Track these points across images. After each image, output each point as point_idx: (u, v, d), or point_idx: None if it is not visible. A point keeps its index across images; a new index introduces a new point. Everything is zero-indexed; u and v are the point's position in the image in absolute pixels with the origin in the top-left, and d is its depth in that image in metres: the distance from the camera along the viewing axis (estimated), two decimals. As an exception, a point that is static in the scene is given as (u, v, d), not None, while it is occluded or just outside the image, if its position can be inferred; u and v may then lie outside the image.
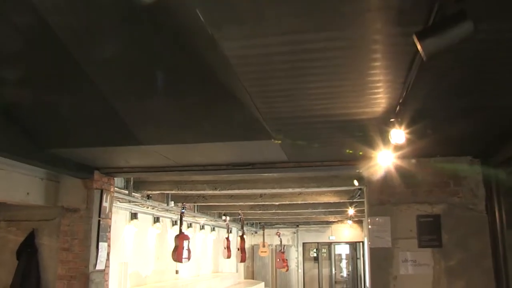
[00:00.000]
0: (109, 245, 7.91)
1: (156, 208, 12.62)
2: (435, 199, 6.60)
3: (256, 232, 24.08)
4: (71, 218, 7.50)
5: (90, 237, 7.40)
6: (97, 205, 7.56)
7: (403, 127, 4.32)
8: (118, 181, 10.94)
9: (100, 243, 7.53)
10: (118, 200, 10.72)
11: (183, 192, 11.64)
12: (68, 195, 7.56)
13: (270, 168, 6.99)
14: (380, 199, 6.66)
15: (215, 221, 17.10)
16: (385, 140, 5.14)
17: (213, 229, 18.18)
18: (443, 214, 6.55)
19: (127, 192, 10.80)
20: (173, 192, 11.62)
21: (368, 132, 5.08)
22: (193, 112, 5.26)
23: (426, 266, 6.46)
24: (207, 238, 17.94)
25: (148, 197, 11.40)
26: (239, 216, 11.96)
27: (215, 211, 16.95)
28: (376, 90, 4.13)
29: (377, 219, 6.62)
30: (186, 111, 5.26)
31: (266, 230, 23.07)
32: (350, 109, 4.56)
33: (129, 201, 10.93)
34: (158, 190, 11.46)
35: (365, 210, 6.95)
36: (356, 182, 9.60)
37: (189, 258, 11.39)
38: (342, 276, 26.93)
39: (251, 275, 24.62)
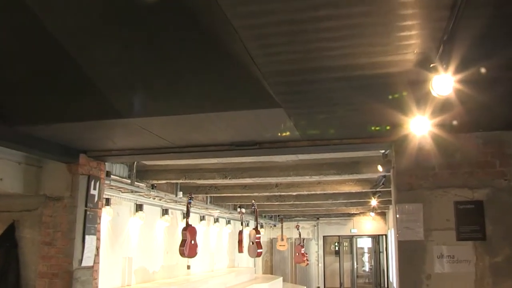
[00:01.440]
0: (98, 239, 6.89)
1: (164, 199, 11.59)
2: (477, 182, 5.41)
3: (274, 225, 22.99)
4: (54, 208, 6.49)
5: (74, 229, 6.38)
6: (83, 193, 6.53)
7: (449, 72, 3.16)
8: (121, 169, 9.96)
9: (86, 236, 6.50)
10: (120, 190, 9.74)
11: (191, 181, 10.60)
12: (51, 182, 6.57)
13: (280, 148, 5.87)
14: (410, 183, 5.49)
15: (230, 213, 16.05)
16: (421, 100, 3.99)
17: (228, 222, 17.15)
18: (487, 200, 5.36)
19: (129, 181, 9.81)
20: (180, 181, 10.59)
21: (398, 91, 3.91)
22: (182, 78, 4.20)
23: (466, 262, 5.29)
24: (222, 231, 16.90)
25: (153, 186, 10.35)
26: (253, 207, 10.87)
27: (230, 203, 15.91)
28: (409, 23, 2.98)
29: (406, 206, 5.47)
30: (173, 77, 4.19)
31: (285, 223, 22.00)
32: (374, 57, 3.41)
33: (132, 191, 9.90)
34: (163, 179, 10.45)
35: (392, 197, 5.79)
36: (380, 168, 8.46)
37: (195, 253, 10.32)
38: (364, 271, 25.77)
39: (270, 269, 23.54)
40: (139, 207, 10.81)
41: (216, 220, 15.94)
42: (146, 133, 5.54)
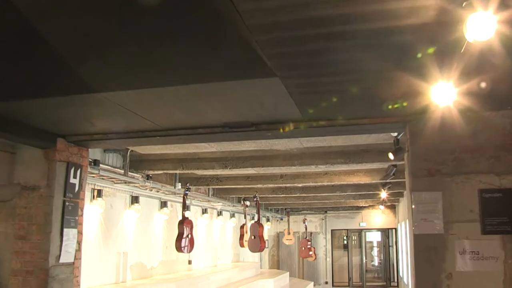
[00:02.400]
0: (80, 232, 6.20)
1: (161, 191, 10.89)
2: (504, 167, 4.64)
3: (281, 219, 22.28)
4: (29, 198, 5.79)
5: (51, 222, 5.67)
6: (61, 182, 5.83)
7: (491, 9, 2.39)
8: (114, 159, 9.29)
9: (65, 230, 5.81)
10: (112, 181, 9.05)
11: (189, 171, 9.90)
12: (25, 170, 5.87)
13: (278, 129, 5.12)
14: (428, 168, 4.73)
15: (234, 206, 15.35)
16: (447, 60, 3.22)
17: (232, 215, 16.45)
18: (517, 188, 4.62)
19: (122, 171, 9.12)
20: (177, 171, 9.90)
21: (418, 47, 3.13)
22: (158, 44, 3.46)
23: (493, 260, 4.52)
24: (226, 225, 16.19)
25: (148, 177, 9.65)
26: (255, 199, 10.15)
27: (233, 196, 15.21)
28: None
29: (423, 195, 4.70)
30: (148, 43, 3.46)
31: (292, 217, 21.31)
32: (387, 2, 2.64)
33: (125, 182, 9.21)
34: (160, 169, 9.74)
35: (407, 184, 5.03)
36: (391, 156, 7.67)
37: (192, 247, 9.61)
38: (373, 265, 24.95)
39: (276, 264, 22.83)
40: (134, 199, 10.13)
41: (220, 213, 15.24)
42: (126, 113, 4.82)
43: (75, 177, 6.00)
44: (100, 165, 8.53)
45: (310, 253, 18.23)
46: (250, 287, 13.06)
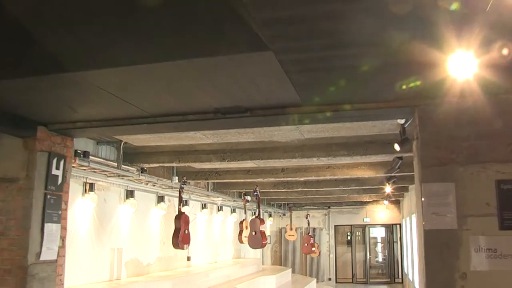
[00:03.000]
0: (64, 228, 5.74)
1: (157, 185, 10.44)
2: (524, 156, 4.18)
3: (284, 214, 21.84)
4: (7, 191, 5.34)
5: (30, 217, 5.22)
6: (42, 173, 5.38)
7: None
8: (108, 151, 8.86)
9: (46, 225, 5.35)
10: (105, 174, 8.62)
11: (186, 164, 9.46)
12: (3, 160, 5.42)
13: (276, 116, 4.65)
14: (439, 157, 4.25)
15: (234, 201, 14.89)
16: (466, 23, 2.73)
17: (233, 211, 16.00)
18: (538, 178, 4.13)
19: (115, 164, 8.68)
20: (174, 164, 9.45)
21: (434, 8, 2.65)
22: (138, 16, 3.01)
23: (512, 258, 4.06)
24: (227, 220, 15.75)
25: (143, 170, 9.19)
26: (255, 193, 9.68)
27: (234, 190, 14.77)
28: None
29: (434, 187, 4.23)
30: (126, 15, 3.00)
31: (295, 212, 20.88)
32: None
33: (119, 175, 8.76)
34: (155, 162, 9.30)
35: (416, 175, 4.55)
36: (397, 147, 7.21)
37: (187, 243, 9.16)
38: (377, 261, 24.48)
39: (279, 260, 22.38)
40: (129, 194, 9.69)
41: (220, 209, 14.79)
42: (108, 97, 4.36)
43: (58, 168, 5.55)
44: (92, 157, 8.10)
45: (313, 249, 17.76)
46: (250, 284, 12.60)
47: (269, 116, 4.67)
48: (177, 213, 9.44)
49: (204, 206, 13.41)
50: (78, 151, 7.30)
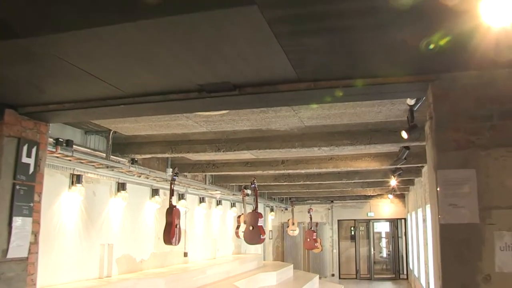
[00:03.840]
0: (37, 222, 5.13)
1: (151, 178, 9.85)
2: (557, 138, 3.55)
3: (286, 209, 21.23)
4: (-29, 181, 4.73)
5: (-5, 210, 4.62)
6: (10, 161, 4.77)
7: None
8: (97, 142, 8.27)
9: (15, 218, 4.75)
10: (93, 165, 8.02)
11: (180, 155, 8.86)
12: (-33, 147, 4.81)
13: (269, 94, 4.01)
14: (457, 140, 3.62)
15: (233, 194, 14.28)
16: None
17: (233, 205, 15.40)
18: None
19: (104, 155, 8.08)
20: (167, 155, 8.84)
21: None
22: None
23: (543, 256, 3.43)
24: (226, 215, 15.14)
25: (133, 161, 8.59)
26: (253, 185, 9.04)
27: (233, 184, 14.17)
28: None
29: (452, 174, 3.59)
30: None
31: (297, 207, 20.32)
32: None
33: (107, 167, 8.17)
34: (148, 153, 8.70)
35: (430, 161, 3.91)
36: (404, 134, 6.61)
37: (176, 239, 8.55)
38: (381, 257, 23.88)
39: (281, 256, 21.79)
40: (121, 186, 9.09)
41: (219, 203, 14.18)
42: (74, 71, 3.74)
43: (29, 156, 4.94)
44: (78, 147, 7.52)
45: (316, 244, 17.12)
46: (250, 281, 12.01)
47: (260, 94, 4.04)
48: (168, 206, 8.79)
49: (202, 200, 12.81)
50: (60, 140, 6.71)
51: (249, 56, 3.41)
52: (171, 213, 8.36)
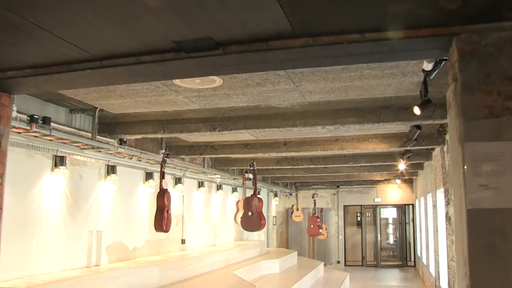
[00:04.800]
0: (0, 207, 4.47)
1: (145, 160, 9.20)
2: None
3: (290, 194, 20.58)
4: None
5: None
6: (-39, 136, 4.12)
7: None
8: (83, 120, 7.63)
9: (-33, 203, 4.10)
10: (78, 146, 7.37)
11: (172, 135, 8.17)
12: None
13: (258, 52, 3.30)
14: (490, 105, 2.90)
15: (234, 179, 13.62)
16: None
17: (235, 190, 14.74)
18: None
19: (90, 135, 7.43)
20: (159, 135, 8.15)
21: None
22: None
23: None
24: (228, 200, 14.49)
25: (122, 142, 7.92)
26: (252, 168, 8.31)
27: (234, 167, 13.49)
28: None
29: (483, 148, 2.89)
30: None
31: (302, 192, 19.67)
32: None
33: (93, 147, 7.51)
34: (138, 133, 8.03)
35: (454, 132, 3.20)
36: (417, 110, 5.90)
37: (166, 226, 7.88)
38: (388, 243, 23.23)
39: (285, 242, 21.17)
40: (111, 169, 8.44)
41: (219, 187, 13.53)
42: (24, 25, 3.05)
43: (-14, 131, 4.28)
44: (58, 125, 6.87)
45: (320, 230, 16.41)
46: (251, 269, 11.37)
47: (249, 53, 3.33)
48: (159, 190, 8.13)
49: (201, 185, 12.15)
50: (36, 116, 6.04)
51: (234, 4, 2.71)
52: (163, 197, 7.69)
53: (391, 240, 23.31)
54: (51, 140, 6.83)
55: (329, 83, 5.67)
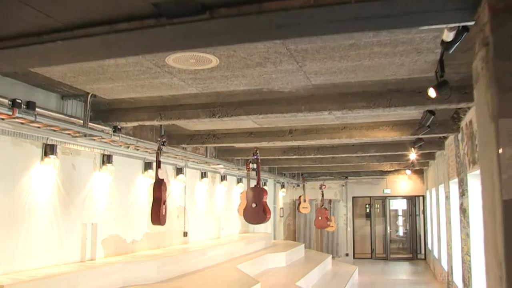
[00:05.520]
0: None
1: (143, 149, 8.72)
2: None
3: (298, 185, 20.06)
4: None
5: None
6: None
7: None
8: (76, 107, 7.23)
9: None
10: (69, 134, 6.91)
11: (169, 122, 7.68)
12: None
13: (249, 16, 2.79)
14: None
15: (239, 169, 13.13)
16: None
17: (240, 181, 14.26)
18: None
19: (81, 122, 6.97)
20: (156, 122, 7.65)
21: None
22: None
23: None
24: (233, 191, 14.00)
25: (116, 129, 7.44)
26: (255, 157, 7.77)
27: (239, 157, 13.00)
28: None
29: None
30: None
31: (310, 183, 19.20)
32: None
33: (85, 135, 7.05)
34: (134, 120, 7.58)
35: (482, 107, 2.65)
36: (432, 92, 5.41)
37: (163, 218, 7.38)
38: (398, 235, 22.68)
39: (293, 234, 20.68)
40: (107, 159, 7.97)
41: (224, 178, 13.04)
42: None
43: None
44: (46, 111, 6.42)
45: (328, 223, 15.87)
46: (255, 263, 10.92)
47: (240, 18, 2.82)
48: (155, 180, 7.64)
49: (204, 175, 11.66)
50: (18, 101, 5.56)
51: None
52: (160, 188, 7.19)
53: (401, 232, 22.77)
54: (38, 127, 6.37)
55: (336, 62, 5.16)
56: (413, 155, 11.96)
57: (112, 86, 6.23)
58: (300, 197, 17.81)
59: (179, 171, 10.41)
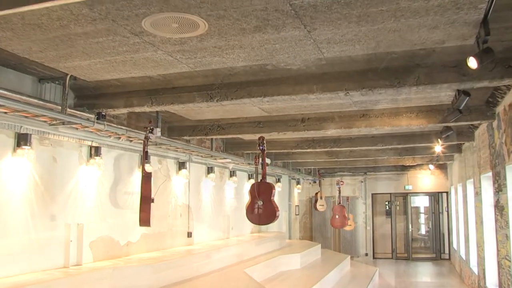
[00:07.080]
0: None
1: (137, 140, 7.70)
2: None
3: (314, 182, 18.97)
4: None
5: None
6: None
7: None
8: (56, 92, 6.27)
9: None
10: (45, 121, 5.97)
11: (162, 107, 6.66)
12: None
13: None
14: None
15: (249, 164, 12.07)
16: None
17: (251, 177, 13.21)
18: None
19: (59, 108, 6.00)
20: (146, 108, 6.63)
21: None
22: None
23: None
24: (243, 187, 12.95)
25: (100, 116, 6.44)
26: (261, 147, 6.66)
27: (249, 151, 11.98)
28: None
29: None
30: None
31: (327, 179, 18.21)
32: None
33: (63, 123, 6.07)
34: (122, 106, 6.63)
35: None
36: (473, 62, 4.39)
37: (146, 218, 6.35)
38: (420, 234, 21.46)
39: (309, 233, 19.58)
40: (95, 151, 7.00)
41: (233, 174, 12.01)
42: None
43: None
44: (15, 95, 5.47)
45: (346, 221, 14.67)
46: (266, 266, 9.88)
47: None
48: (143, 174, 6.62)
49: (210, 170, 10.64)
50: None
51: None
52: (148, 184, 6.17)
53: (423, 230, 21.54)
54: (5, 112, 5.41)
55: (353, 25, 4.10)
56: (438, 147, 10.83)
57: (89, 63, 5.25)
58: (316, 194, 16.71)
59: (181, 165, 9.41)
